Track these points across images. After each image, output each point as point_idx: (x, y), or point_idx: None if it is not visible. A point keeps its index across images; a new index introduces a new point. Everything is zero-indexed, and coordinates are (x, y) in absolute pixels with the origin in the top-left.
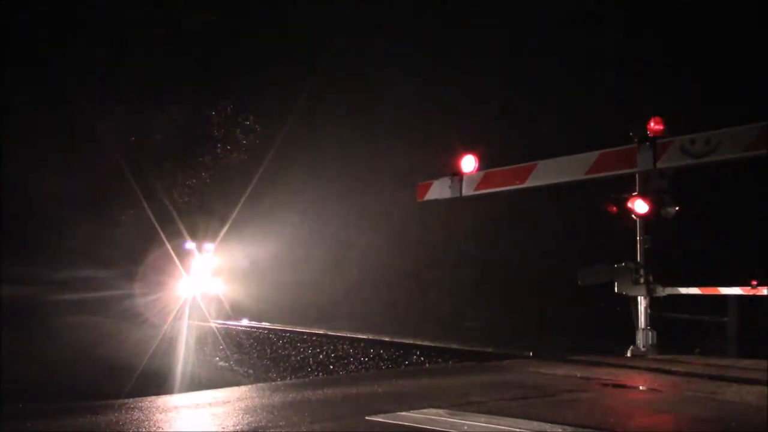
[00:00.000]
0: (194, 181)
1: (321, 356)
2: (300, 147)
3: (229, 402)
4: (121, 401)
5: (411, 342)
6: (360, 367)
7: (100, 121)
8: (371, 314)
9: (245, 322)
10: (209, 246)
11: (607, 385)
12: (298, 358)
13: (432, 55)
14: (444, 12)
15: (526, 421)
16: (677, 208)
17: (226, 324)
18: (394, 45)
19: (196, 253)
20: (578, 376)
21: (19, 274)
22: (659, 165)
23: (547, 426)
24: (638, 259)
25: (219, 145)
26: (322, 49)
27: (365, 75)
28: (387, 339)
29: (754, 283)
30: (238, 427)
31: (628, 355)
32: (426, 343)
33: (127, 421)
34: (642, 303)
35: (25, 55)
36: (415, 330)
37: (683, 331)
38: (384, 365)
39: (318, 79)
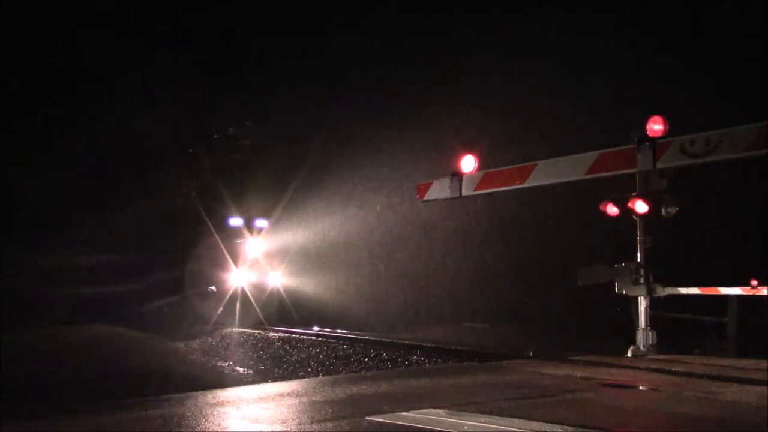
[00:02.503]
0: (194, 182)
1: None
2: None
3: (229, 402)
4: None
5: (412, 342)
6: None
7: (103, 120)
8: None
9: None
10: (261, 222)
11: (607, 385)
12: None
13: (431, 55)
14: (445, 13)
15: (526, 421)
16: (677, 208)
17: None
18: (397, 43)
19: (244, 232)
20: (578, 376)
21: (21, 263)
22: (659, 165)
23: (547, 426)
24: (638, 259)
25: (219, 146)
26: (327, 48)
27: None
28: (387, 340)
29: (754, 283)
30: (238, 428)
31: (628, 355)
32: (426, 343)
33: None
34: (642, 303)
35: (29, 55)
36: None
37: (683, 331)
38: (384, 365)
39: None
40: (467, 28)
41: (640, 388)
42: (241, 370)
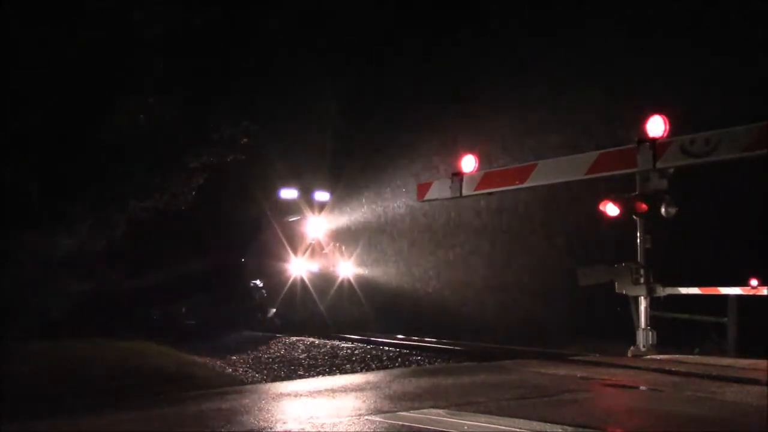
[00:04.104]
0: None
1: None
2: None
3: (231, 399)
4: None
5: (411, 343)
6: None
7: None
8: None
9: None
10: (322, 195)
11: (607, 385)
12: None
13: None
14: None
15: (526, 421)
16: (677, 208)
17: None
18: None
19: (301, 207)
20: (578, 376)
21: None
22: (659, 165)
23: (547, 426)
24: (638, 259)
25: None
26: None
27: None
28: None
29: (754, 283)
30: (235, 428)
31: (629, 355)
32: (426, 343)
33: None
34: (642, 303)
35: (27, 52)
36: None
37: (683, 331)
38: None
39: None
40: (466, 27)
41: (640, 388)
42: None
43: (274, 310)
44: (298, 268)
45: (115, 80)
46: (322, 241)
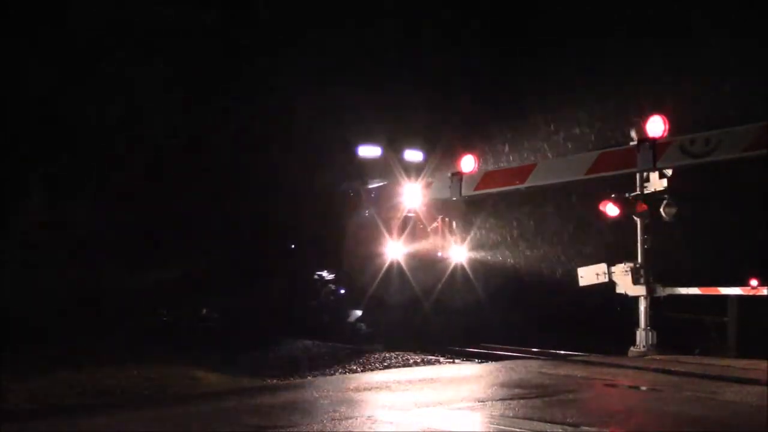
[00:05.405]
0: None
1: None
2: None
3: (230, 398)
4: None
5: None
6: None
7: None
8: None
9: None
10: (414, 154)
11: (607, 385)
12: None
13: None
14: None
15: (526, 421)
16: (677, 209)
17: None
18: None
19: (389, 169)
20: (579, 376)
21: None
22: (659, 165)
23: (547, 426)
24: (638, 259)
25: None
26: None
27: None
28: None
29: (754, 283)
30: (237, 428)
31: (629, 355)
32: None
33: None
34: (642, 303)
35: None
36: None
37: (683, 331)
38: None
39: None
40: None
41: (641, 388)
42: None
43: (359, 312)
44: (392, 252)
45: (115, 81)
46: (422, 216)
